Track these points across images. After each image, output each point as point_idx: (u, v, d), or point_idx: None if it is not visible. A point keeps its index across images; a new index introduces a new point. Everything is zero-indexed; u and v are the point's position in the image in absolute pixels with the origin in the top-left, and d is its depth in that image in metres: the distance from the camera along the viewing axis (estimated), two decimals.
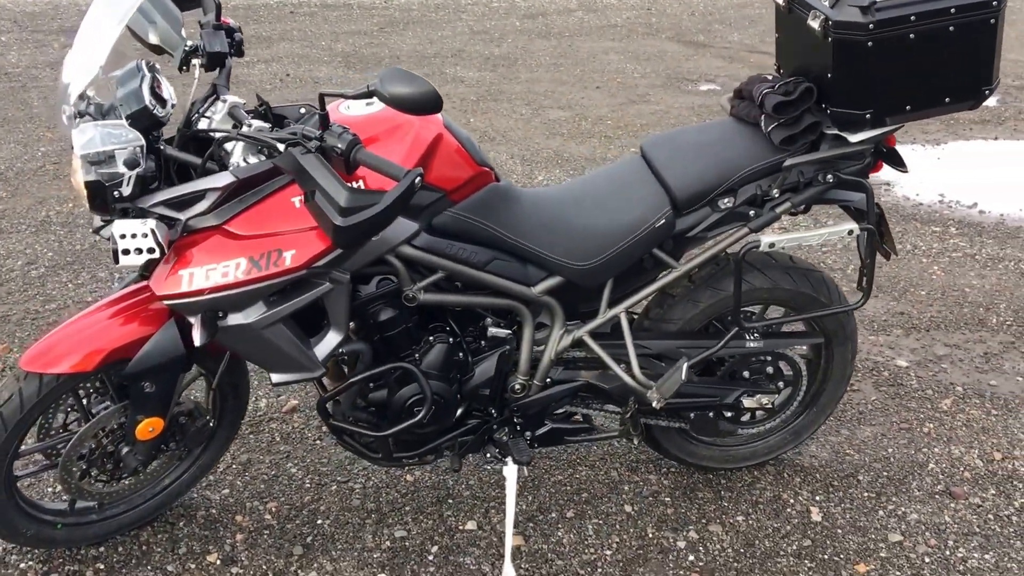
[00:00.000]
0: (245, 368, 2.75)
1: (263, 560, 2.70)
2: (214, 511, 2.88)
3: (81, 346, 2.36)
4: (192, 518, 2.85)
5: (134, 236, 2.16)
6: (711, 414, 2.81)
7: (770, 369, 2.82)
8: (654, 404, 2.61)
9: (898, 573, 2.64)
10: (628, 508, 2.89)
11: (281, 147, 2.16)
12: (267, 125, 2.27)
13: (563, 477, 3.01)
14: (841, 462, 3.07)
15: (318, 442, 3.17)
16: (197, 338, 2.26)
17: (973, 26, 2.34)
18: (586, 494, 2.94)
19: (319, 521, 2.84)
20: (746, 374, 2.80)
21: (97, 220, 2.30)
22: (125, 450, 2.56)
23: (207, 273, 2.21)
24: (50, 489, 2.91)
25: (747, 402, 2.80)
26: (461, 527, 2.81)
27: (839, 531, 2.78)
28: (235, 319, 2.28)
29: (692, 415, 2.79)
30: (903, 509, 2.87)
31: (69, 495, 2.62)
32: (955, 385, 3.44)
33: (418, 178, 2.07)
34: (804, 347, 2.89)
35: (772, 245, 2.54)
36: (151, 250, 2.17)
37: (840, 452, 3.12)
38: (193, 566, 2.68)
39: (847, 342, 2.87)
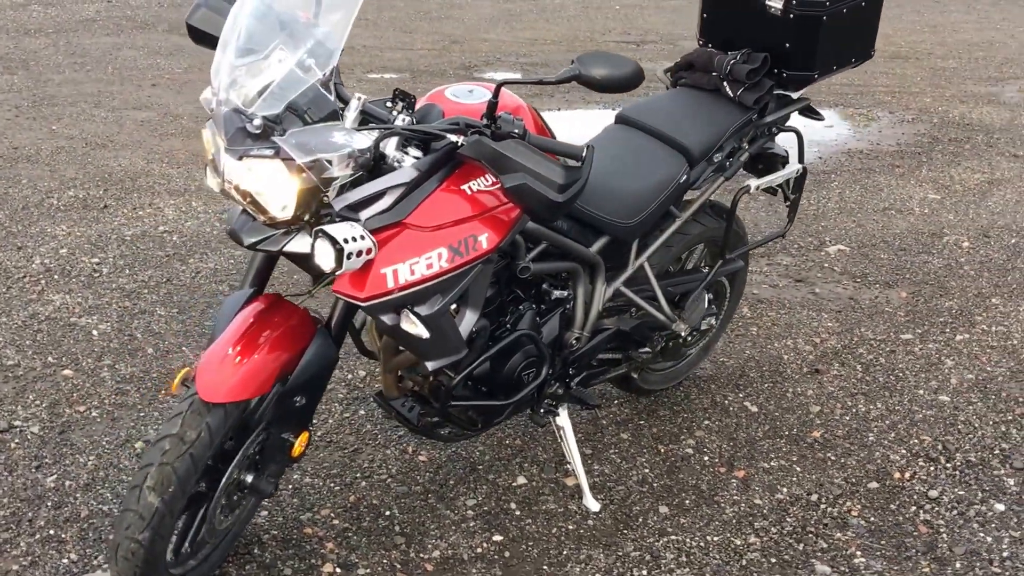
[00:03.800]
0: None
1: (376, 556, 2.80)
2: (275, 531, 2.81)
3: (254, 369, 2.31)
4: (259, 543, 2.76)
5: (352, 240, 2.15)
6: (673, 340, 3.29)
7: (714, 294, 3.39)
8: (682, 333, 3.06)
9: (839, 430, 3.36)
10: (626, 435, 3.32)
11: (453, 138, 2.27)
12: (409, 118, 2.34)
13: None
14: (739, 366, 3.74)
15: (319, 444, 3.15)
16: (423, 332, 2.29)
17: (876, 1, 3.10)
18: (580, 435, 3.34)
19: (387, 512, 2.97)
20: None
21: (250, 238, 2.26)
22: (251, 477, 2.46)
23: (411, 267, 2.29)
24: None
25: (703, 324, 3.33)
26: (513, 484, 3.05)
27: (777, 413, 3.51)
28: (421, 311, 2.33)
29: (660, 344, 3.24)
30: (801, 387, 3.69)
31: (211, 538, 2.45)
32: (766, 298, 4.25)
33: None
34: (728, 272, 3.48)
35: (758, 188, 3.10)
36: (368, 250, 2.18)
37: (727, 358, 3.79)
38: None
39: (746, 267, 3.52)
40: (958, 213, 5.47)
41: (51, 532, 2.80)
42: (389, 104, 2.41)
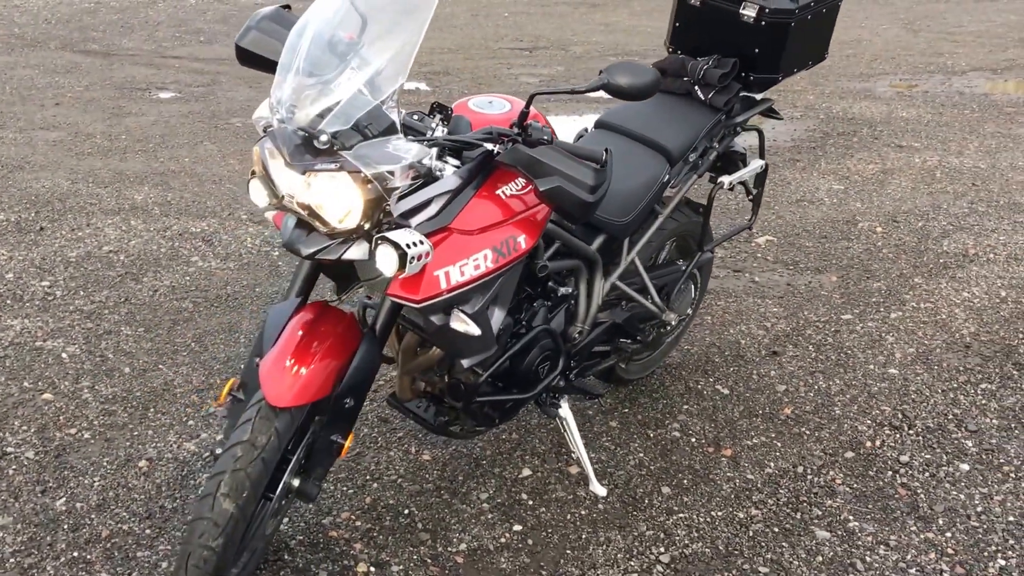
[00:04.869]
0: None
1: (406, 553, 2.88)
2: (300, 537, 2.87)
3: (313, 374, 2.39)
4: (288, 549, 2.81)
5: (413, 244, 2.24)
6: (660, 329, 3.47)
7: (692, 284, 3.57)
8: (672, 322, 3.23)
9: (807, 406, 3.59)
10: (614, 423, 3.47)
11: (489, 146, 2.38)
12: (445, 129, 2.44)
13: (548, 420, 3.52)
14: (703, 352, 3.94)
15: None
16: (475, 329, 2.39)
17: (834, 8, 3.35)
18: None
19: (406, 511, 3.05)
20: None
21: (304, 249, 2.33)
22: (297, 481, 2.51)
23: (461, 269, 2.40)
24: None
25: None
26: (520, 476, 3.16)
27: (748, 394, 3.70)
28: (466, 310, 2.44)
29: (651, 333, 3.41)
30: (764, 369, 3.91)
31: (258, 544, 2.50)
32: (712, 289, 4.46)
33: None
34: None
35: (731, 183, 3.30)
36: (428, 254, 2.28)
37: (691, 346, 3.99)
38: None
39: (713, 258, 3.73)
40: (864, 201, 5.81)
41: (75, 554, 2.79)
42: (427, 116, 2.52)
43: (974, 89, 8.66)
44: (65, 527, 2.90)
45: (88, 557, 2.78)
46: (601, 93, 2.46)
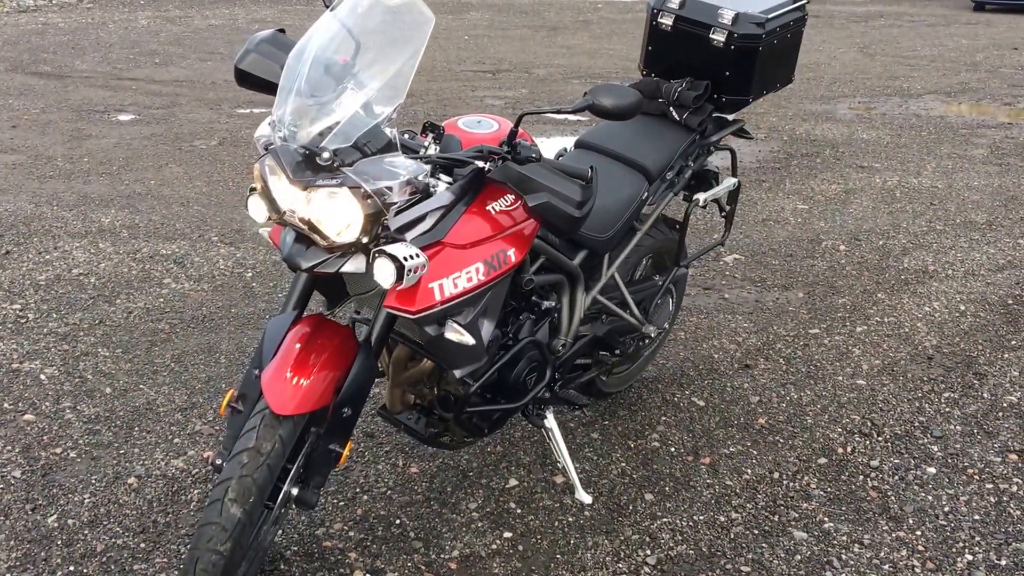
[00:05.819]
0: None
1: (400, 560, 3.01)
2: (295, 548, 3.00)
3: (314, 384, 2.51)
4: (284, 560, 2.95)
5: (410, 258, 2.39)
6: (640, 342, 3.64)
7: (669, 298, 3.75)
8: (652, 334, 3.41)
9: (780, 416, 3.78)
10: (595, 435, 3.63)
11: (480, 164, 2.55)
12: (436, 147, 2.60)
13: (531, 432, 3.67)
14: (677, 366, 4.11)
15: None
16: (469, 339, 2.55)
17: (798, 33, 3.57)
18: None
19: (397, 521, 3.18)
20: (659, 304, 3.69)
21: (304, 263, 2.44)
22: (296, 490, 2.64)
23: (454, 281, 2.56)
24: None
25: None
26: (507, 486, 3.31)
27: (723, 405, 3.89)
28: (459, 321, 2.59)
29: (631, 346, 3.58)
30: (737, 381, 4.10)
31: (258, 553, 2.63)
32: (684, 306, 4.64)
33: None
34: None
35: (705, 201, 3.49)
36: (423, 267, 2.43)
37: (665, 360, 4.16)
38: None
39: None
40: (827, 220, 6.06)
41: (71, 568, 2.89)
42: (419, 135, 2.68)
43: (929, 111, 9.01)
44: (59, 543, 2.99)
45: (85, 571, 2.88)
46: (566, 116, 2.64)
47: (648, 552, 3.04)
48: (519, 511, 3.22)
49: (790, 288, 5.01)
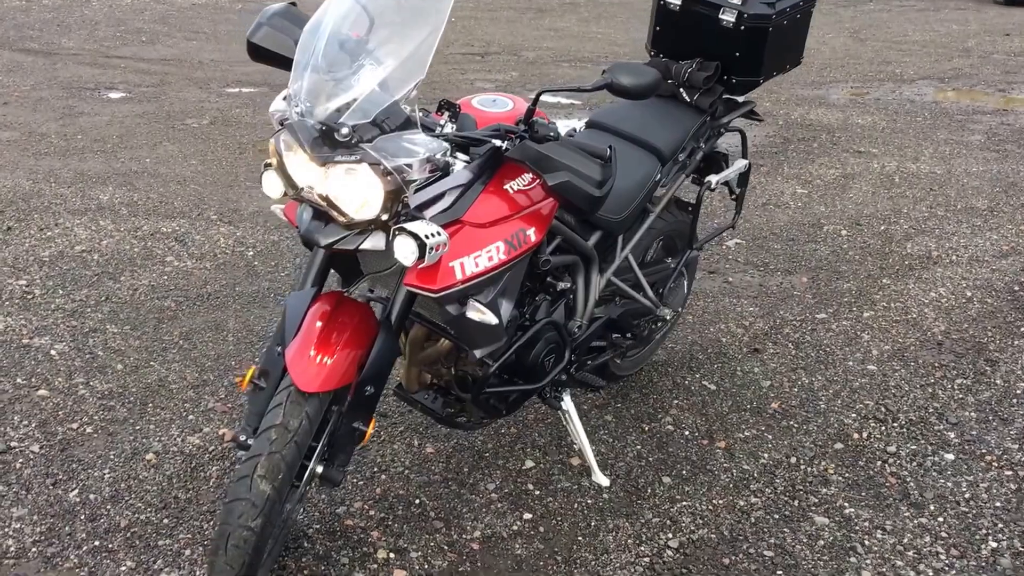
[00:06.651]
0: None
1: (422, 540, 3.04)
2: (317, 526, 3.02)
3: (338, 362, 2.53)
4: (307, 538, 2.96)
5: (431, 235, 2.39)
6: (654, 324, 3.67)
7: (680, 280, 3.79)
8: (667, 316, 3.44)
9: (793, 401, 3.82)
10: (609, 417, 3.66)
11: (498, 143, 2.57)
12: (453, 126, 2.61)
13: (545, 413, 3.70)
14: (686, 350, 4.15)
15: None
16: (492, 318, 2.57)
17: (807, 14, 3.61)
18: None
19: (416, 501, 3.20)
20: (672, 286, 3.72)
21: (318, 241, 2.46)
22: (320, 468, 2.66)
23: (475, 260, 2.58)
24: None
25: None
26: (524, 468, 3.34)
27: (734, 389, 3.92)
28: (480, 300, 2.61)
29: (646, 328, 3.61)
30: (747, 365, 4.14)
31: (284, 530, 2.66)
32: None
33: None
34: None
35: (717, 183, 3.52)
36: (445, 244, 2.43)
37: (674, 344, 4.19)
38: (375, 567, 2.87)
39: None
40: (827, 205, 6.11)
41: (96, 543, 2.90)
42: (433, 114, 2.69)
43: (923, 97, 9.06)
44: (82, 517, 3.00)
45: (110, 546, 2.90)
46: (558, 99, 2.64)
47: (670, 535, 3.08)
48: (537, 493, 3.25)
49: (793, 272, 5.05)
